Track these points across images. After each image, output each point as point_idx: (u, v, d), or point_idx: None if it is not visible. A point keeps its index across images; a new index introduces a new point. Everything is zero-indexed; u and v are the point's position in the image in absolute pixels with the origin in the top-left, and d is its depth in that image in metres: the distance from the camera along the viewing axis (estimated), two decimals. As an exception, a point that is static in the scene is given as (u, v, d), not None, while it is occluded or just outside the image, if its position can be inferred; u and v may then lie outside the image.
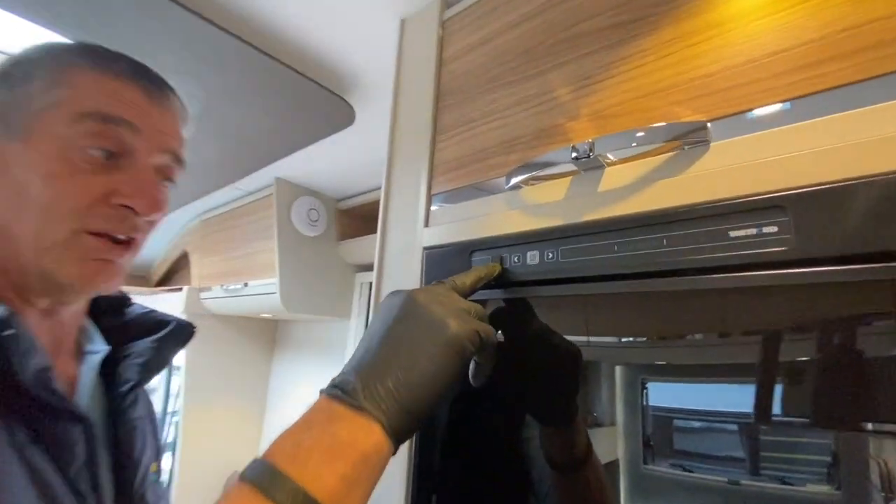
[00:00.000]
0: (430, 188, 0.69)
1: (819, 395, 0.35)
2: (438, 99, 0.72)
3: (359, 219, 1.81)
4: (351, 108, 1.06)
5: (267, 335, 2.26)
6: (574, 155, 0.49)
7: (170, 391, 2.65)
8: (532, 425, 0.54)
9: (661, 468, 0.41)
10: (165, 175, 0.50)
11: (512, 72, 0.63)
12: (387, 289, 0.71)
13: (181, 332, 0.60)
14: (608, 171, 0.50)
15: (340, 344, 1.91)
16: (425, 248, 0.66)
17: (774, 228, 0.38)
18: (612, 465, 0.44)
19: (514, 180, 0.57)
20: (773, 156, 0.39)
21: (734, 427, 0.39)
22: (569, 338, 0.50)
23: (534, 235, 0.53)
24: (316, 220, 1.67)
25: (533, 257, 0.53)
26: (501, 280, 0.55)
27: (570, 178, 0.53)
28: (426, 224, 0.67)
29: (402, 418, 0.35)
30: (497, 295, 0.56)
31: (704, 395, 0.42)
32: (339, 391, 0.36)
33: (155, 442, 0.58)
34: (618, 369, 0.48)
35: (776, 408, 0.37)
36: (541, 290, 0.52)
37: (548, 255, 0.51)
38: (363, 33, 0.90)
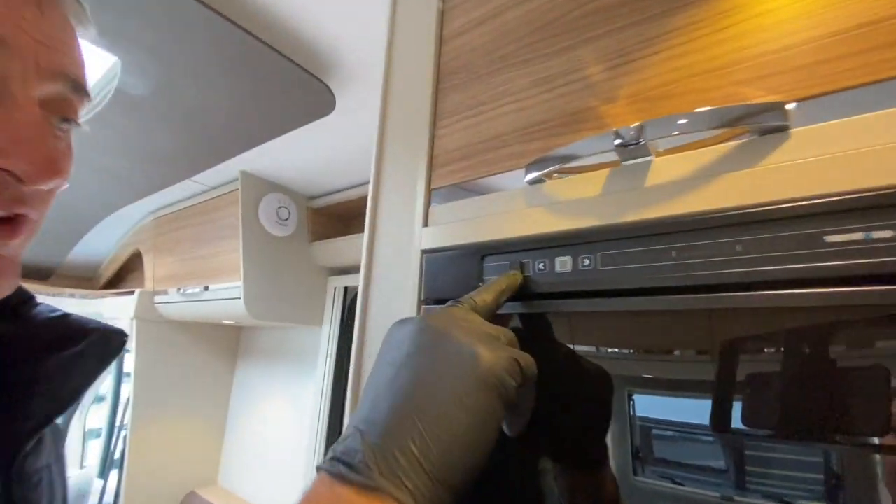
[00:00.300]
0: (429, 182, 0.59)
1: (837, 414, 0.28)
2: (439, 79, 0.63)
3: (333, 218, 1.68)
4: (331, 93, 0.95)
5: (229, 343, 2.09)
6: (618, 142, 0.41)
7: (119, 401, 2.43)
8: (548, 470, 0.45)
9: (652, 480, 0.38)
10: (60, 112, 0.34)
11: (530, 48, 0.54)
12: (376, 300, 0.60)
13: (106, 344, 0.44)
14: (657, 162, 0.42)
15: (311, 353, 1.77)
16: (424, 252, 0.56)
17: (888, 233, 0.31)
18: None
19: (535, 173, 0.48)
20: (886, 143, 0.32)
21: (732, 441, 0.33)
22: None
23: (564, 238, 0.44)
24: (286, 219, 1.53)
25: (563, 264, 0.44)
26: (521, 292, 0.46)
27: (607, 170, 0.44)
28: (425, 223, 0.58)
29: (436, 495, 0.25)
30: (512, 310, 0.47)
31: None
32: (343, 466, 0.26)
33: (63, 493, 0.43)
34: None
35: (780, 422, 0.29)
36: (575, 304, 0.43)
37: (583, 262, 0.43)
38: (346, 7, 0.80)
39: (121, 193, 1.60)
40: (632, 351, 0.42)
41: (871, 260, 0.31)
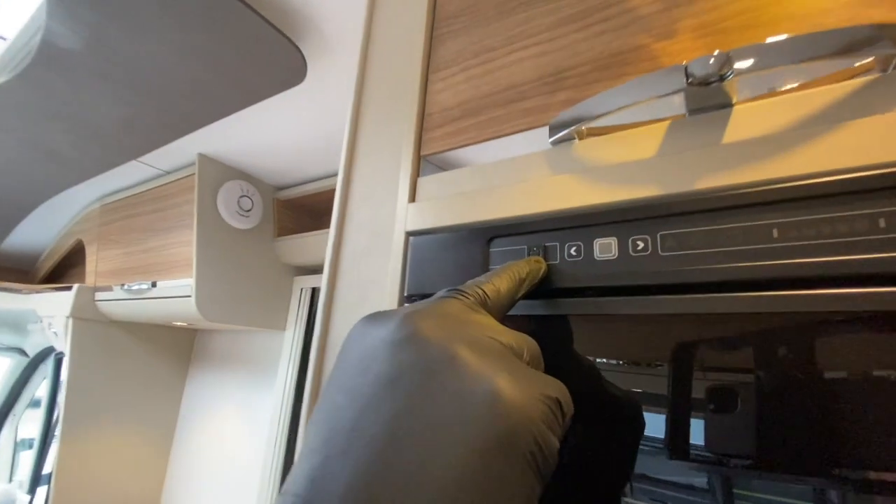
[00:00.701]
0: (418, 146, 0.47)
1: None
2: (434, 24, 0.50)
3: (303, 212, 1.53)
4: (302, 57, 0.82)
5: (182, 347, 1.89)
6: (691, 79, 0.29)
7: (55, 408, 2.19)
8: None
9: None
10: None
11: (554, -22, 0.42)
12: (344, 297, 0.47)
13: None
14: (739, 110, 0.30)
15: (272, 360, 1.60)
16: (410, 234, 0.43)
17: None
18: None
19: (565, 130, 0.36)
20: None
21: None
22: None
23: (606, 214, 0.32)
24: (248, 210, 1.38)
25: (606, 249, 0.32)
26: (544, 287, 0.33)
27: (664, 124, 0.33)
28: (412, 198, 0.45)
29: None
30: (527, 310, 0.34)
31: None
32: None
33: None
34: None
35: None
36: (624, 304, 0.30)
37: (635, 246, 0.31)
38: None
39: (60, 174, 1.41)
40: (620, 363, 0.31)
41: None
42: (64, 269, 2.07)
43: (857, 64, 0.29)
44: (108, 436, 1.68)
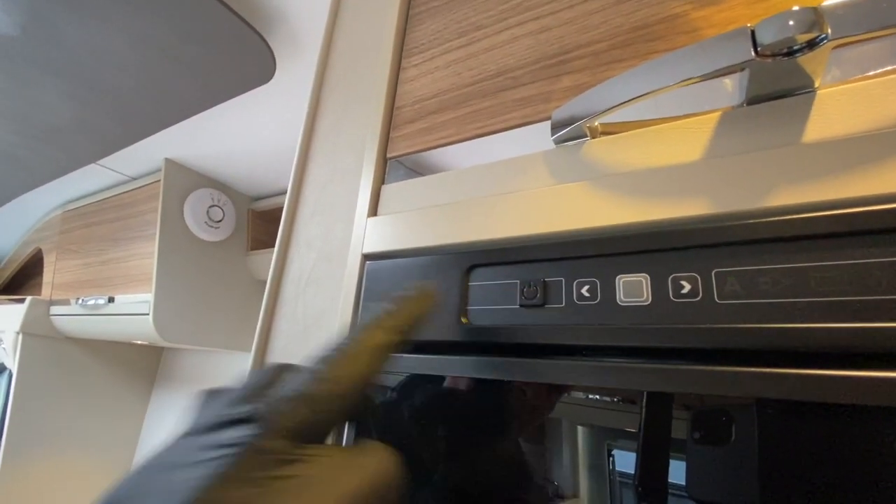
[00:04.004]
0: (384, 147, 0.37)
1: None
2: (410, 2, 0.41)
3: (279, 224, 1.43)
4: (270, 52, 0.73)
5: (145, 367, 1.76)
6: (759, 48, 0.20)
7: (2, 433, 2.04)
8: None
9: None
10: None
11: (559, -61, 0.33)
12: (283, 333, 0.37)
13: None
14: (824, 96, 0.21)
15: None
16: (367, 257, 0.33)
17: None
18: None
19: (572, 125, 0.26)
20: None
21: None
22: None
23: (634, 239, 0.23)
24: (219, 221, 1.27)
25: (634, 289, 0.22)
26: (527, 343, 0.23)
27: (714, 115, 0.24)
28: (372, 211, 0.35)
29: None
30: (516, 373, 0.24)
31: None
32: None
33: None
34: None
35: None
36: (661, 375, 0.20)
37: (678, 289, 0.21)
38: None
39: (13, 178, 1.30)
40: (613, 399, 0.21)
41: None
42: (23, 279, 1.93)
43: None
44: (59, 461, 1.54)
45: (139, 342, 1.55)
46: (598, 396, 0.23)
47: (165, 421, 1.70)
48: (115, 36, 0.74)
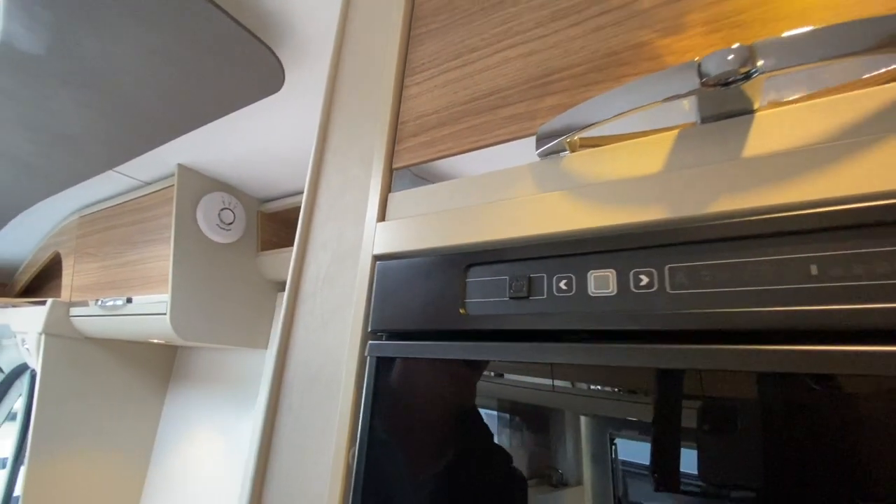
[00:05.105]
0: (390, 159, 0.41)
1: None
2: (412, 23, 0.45)
3: (287, 225, 1.48)
4: (279, 63, 0.77)
5: (161, 365, 1.82)
6: (705, 78, 0.24)
7: (29, 427, 2.10)
8: None
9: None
10: None
11: (543, -30, 0.37)
12: (304, 326, 0.41)
13: None
14: (763, 118, 0.25)
15: (254, 379, 1.53)
16: (377, 258, 0.38)
17: None
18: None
19: (554, 140, 0.30)
20: None
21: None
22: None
23: (604, 241, 0.27)
24: (230, 223, 1.32)
25: (603, 283, 0.26)
26: (518, 329, 0.28)
27: (672, 133, 0.28)
28: (381, 217, 0.39)
29: None
30: (505, 355, 0.28)
31: None
32: None
33: None
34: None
35: None
36: (623, 354, 0.25)
37: (638, 281, 0.25)
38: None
39: (33, 186, 1.35)
40: (615, 390, 0.25)
41: None
42: (43, 282, 2.00)
43: (908, 61, 0.24)
44: (81, 457, 1.60)
45: (155, 341, 1.60)
46: (599, 387, 0.27)
47: (181, 416, 1.76)
48: (132, 51, 0.78)
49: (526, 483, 0.28)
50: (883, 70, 0.24)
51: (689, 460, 0.23)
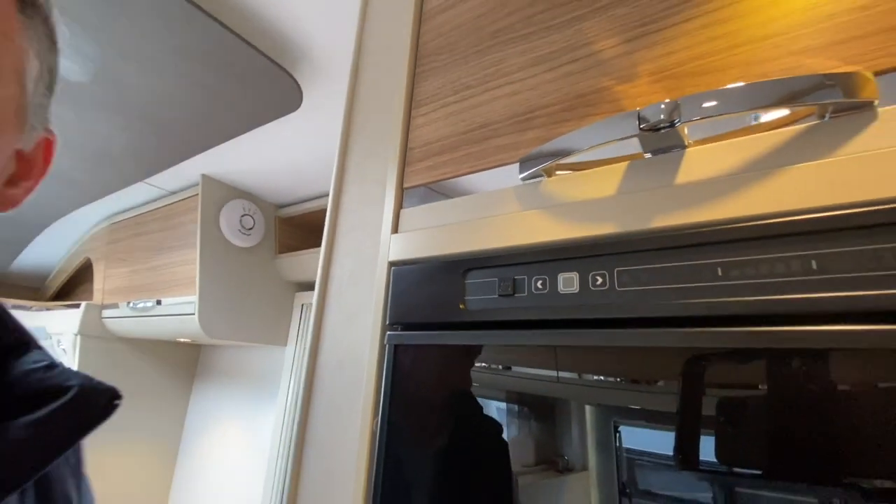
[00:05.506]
0: (401, 179, 0.49)
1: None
2: (417, 62, 0.53)
3: (303, 229, 1.56)
4: (297, 86, 0.85)
5: (186, 362, 1.92)
6: (643, 125, 0.31)
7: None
8: None
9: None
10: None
11: (527, 22, 0.45)
12: (332, 322, 0.49)
13: (86, 407, 0.34)
14: (691, 153, 0.32)
15: (274, 376, 1.62)
16: (392, 264, 0.45)
17: None
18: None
19: (533, 168, 0.38)
20: None
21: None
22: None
23: (570, 249, 0.34)
24: (250, 229, 1.41)
25: (569, 283, 0.34)
26: (510, 319, 0.35)
27: (624, 164, 0.35)
28: (394, 229, 0.47)
29: None
30: (495, 340, 0.36)
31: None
32: None
33: None
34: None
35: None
36: (584, 336, 0.32)
37: (594, 281, 0.33)
38: (317, -14, 0.70)
39: (68, 196, 1.45)
40: (618, 379, 0.32)
41: None
42: (73, 286, 2.11)
43: (797, 111, 0.31)
44: (114, 451, 1.71)
45: (181, 340, 1.70)
46: (602, 377, 0.33)
47: (206, 411, 1.86)
48: (167, 78, 0.87)
49: (507, 446, 0.35)
50: (779, 116, 0.31)
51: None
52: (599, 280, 0.32)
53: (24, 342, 0.35)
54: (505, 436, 0.36)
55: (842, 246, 0.25)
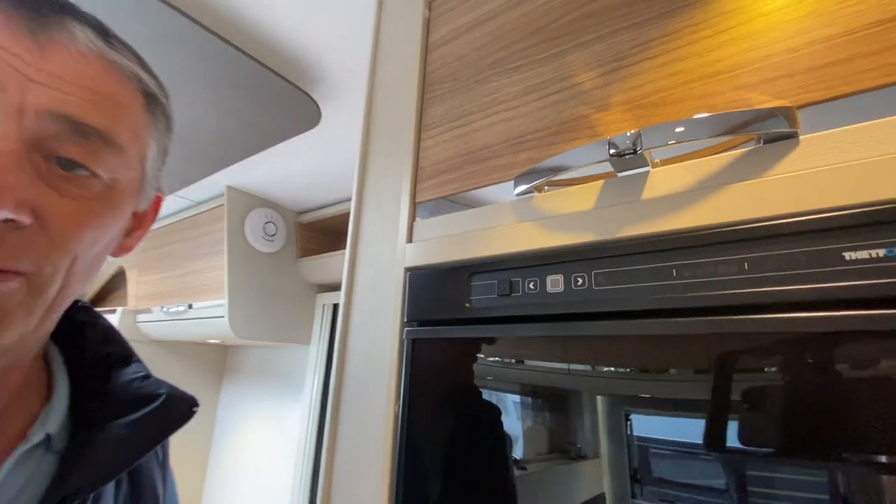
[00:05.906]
0: (413, 195, 0.56)
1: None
2: (424, 89, 0.60)
3: (322, 234, 1.65)
4: (316, 106, 0.92)
5: (215, 362, 2.03)
6: (612, 151, 0.38)
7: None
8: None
9: (651, 503, 0.34)
10: (52, 152, 0.29)
11: (519, 55, 0.51)
12: (357, 321, 0.57)
13: (172, 412, 0.40)
14: (654, 173, 0.39)
15: (299, 373, 1.72)
16: (408, 269, 0.53)
17: (915, 249, 0.27)
18: (600, 500, 0.36)
19: (525, 185, 0.45)
20: (908, 150, 0.29)
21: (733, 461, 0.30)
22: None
23: (556, 255, 0.41)
24: (273, 235, 1.50)
25: (555, 283, 0.40)
26: (509, 316, 0.42)
27: (601, 182, 0.41)
28: (409, 239, 0.54)
29: None
30: (495, 333, 0.43)
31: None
32: None
33: None
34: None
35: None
36: (567, 328, 0.39)
37: (576, 282, 0.39)
38: (331, 17, 0.78)
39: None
40: (628, 370, 0.38)
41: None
42: (107, 293, 2.24)
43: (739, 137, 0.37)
44: (152, 447, 1.82)
45: (211, 341, 1.81)
46: (612, 368, 0.38)
47: (235, 409, 1.97)
48: (198, 105, 0.95)
49: (499, 413, 0.42)
50: (720, 143, 0.37)
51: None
52: (580, 280, 0.39)
53: (127, 355, 0.42)
54: (502, 417, 0.43)
55: (767, 250, 0.32)
